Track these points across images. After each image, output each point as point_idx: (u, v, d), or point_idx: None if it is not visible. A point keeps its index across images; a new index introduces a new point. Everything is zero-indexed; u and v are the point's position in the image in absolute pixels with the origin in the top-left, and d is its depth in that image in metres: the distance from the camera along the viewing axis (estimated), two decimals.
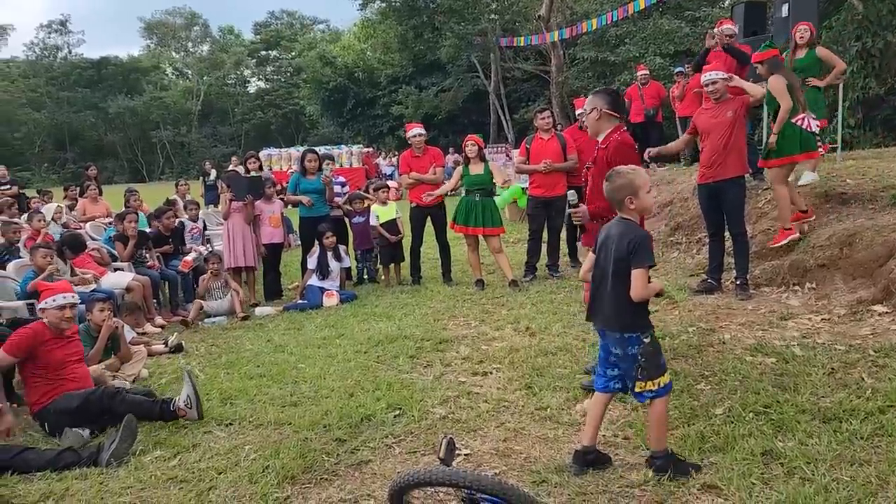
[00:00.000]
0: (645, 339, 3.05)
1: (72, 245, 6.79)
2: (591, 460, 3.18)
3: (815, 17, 8.43)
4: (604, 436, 3.56)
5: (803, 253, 6.15)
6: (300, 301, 7.61)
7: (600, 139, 4.23)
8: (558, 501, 2.96)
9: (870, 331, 4.77)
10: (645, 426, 3.51)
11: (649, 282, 3.03)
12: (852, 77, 12.46)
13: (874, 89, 13.10)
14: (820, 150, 6.45)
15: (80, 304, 4.96)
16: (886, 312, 4.97)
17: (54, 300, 4.39)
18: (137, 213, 8.02)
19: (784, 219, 6.32)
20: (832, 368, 4.13)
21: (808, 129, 6.15)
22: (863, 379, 3.92)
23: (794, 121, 6.13)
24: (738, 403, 3.74)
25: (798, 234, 6.28)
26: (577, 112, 8.07)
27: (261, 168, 8.25)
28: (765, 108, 7.56)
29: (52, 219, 8.77)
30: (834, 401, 3.65)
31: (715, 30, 7.92)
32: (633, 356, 3.05)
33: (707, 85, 5.98)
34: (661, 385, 3.03)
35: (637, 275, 2.98)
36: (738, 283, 6.17)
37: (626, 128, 4.30)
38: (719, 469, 3.08)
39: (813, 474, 2.93)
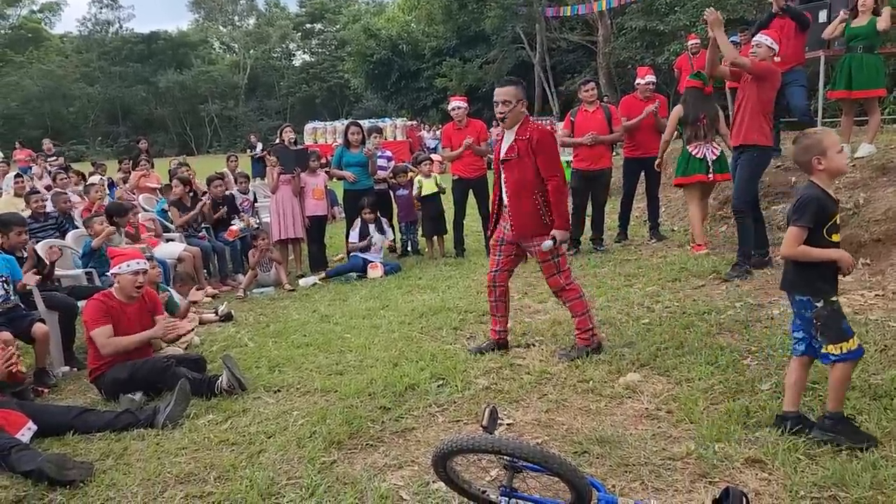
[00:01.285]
0: (817, 304, 3.04)
1: (116, 212, 6.91)
2: (789, 426, 3.15)
3: None
4: (647, 408, 3.57)
5: (857, 227, 5.98)
6: (340, 265, 7.73)
7: (515, 130, 4.32)
8: (600, 471, 2.98)
9: None
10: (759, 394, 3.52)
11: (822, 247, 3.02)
12: None
13: None
14: (709, 176, 6.81)
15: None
16: None
17: (129, 265, 4.47)
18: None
19: (696, 235, 7.04)
20: (885, 345, 4.03)
21: (699, 156, 6.81)
22: None
23: (689, 147, 6.87)
24: (784, 379, 3.69)
25: (706, 251, 6.86)
26: (637, 81, 7.91)
27: (296, 142, 8.34)
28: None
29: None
30: (885, 378, 3.58)
31: None
32: (808, 319, 3.07)
33: (756, 46, 5.73)
34: (845, 350, 2.99)
35: (789, 232, 3.02)
36: (734, 263, 6.04)
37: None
38: (764, 444, 3.06)
39: (861, 451, 2.89)
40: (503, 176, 4.41)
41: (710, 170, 6.83)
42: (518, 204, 4.34)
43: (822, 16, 8.45)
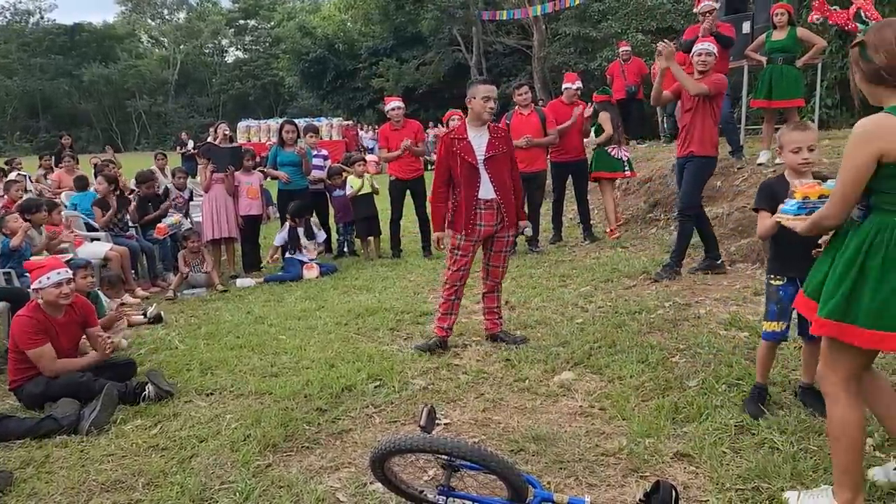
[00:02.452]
0: (770, 281, 3.43)
1: (28, 209, 6.56)
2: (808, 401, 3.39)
3: None
4: (580, 406, 3.64)
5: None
6: (280, 273, 7.60)
7: (489, 128, 4.60)
8: (536, 468, 3.03)
9: None
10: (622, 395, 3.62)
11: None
12: (831, 57, 12.53)
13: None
14: (627, 173, 8.28)
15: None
16: None
17: (49, 278, 4.12)
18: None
19: (611, 220, 8.30)
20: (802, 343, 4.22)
21: (617, 157, 8.07)
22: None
23: (608, 149, 8.00)
24: (711, 376, 3.83)
25: (618, 235, 8.20)
26: (565, 86, 8.08)
27: (231, 140, 8.16)
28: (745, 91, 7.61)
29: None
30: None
31: (695, 8, 7.94)
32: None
33: (700, 54, 5.84)
34: (765, 329, 3.44)
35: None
36: (665, 263, 6.23)
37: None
38: (692, 438, 3.16)
39: (782, 444, 3.02)
40: (488, 173, 4.53)
41: (626, 168, 8.17)
42: (508, 197, 4.58)
43: (746, 27, 8.80)
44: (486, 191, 4.53)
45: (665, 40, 5.89)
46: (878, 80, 2.25)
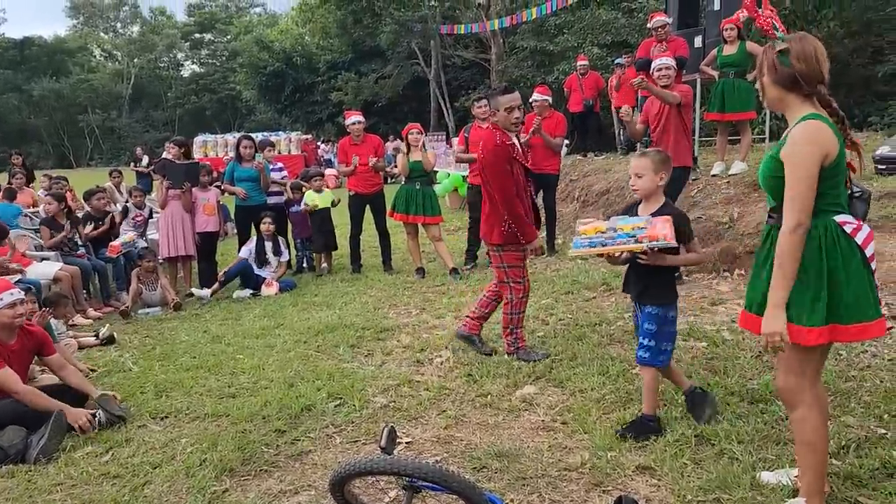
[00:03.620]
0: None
1: None
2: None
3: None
4: (543, 420, 3.63)
5: (733, 240, 6.37)
6: (241, 292, 7.47)
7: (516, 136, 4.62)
8: (499, 486, 3.00)
9: None
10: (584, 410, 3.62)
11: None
12: None
13: None
14: None
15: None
16: None
17: (1, 299, 3.96)
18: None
19: None
20: (759, 352, 4.28)
21: None
22: None
23: None
24: (671, 387, 3.85)
25: None
26: (533, 99, 8.11)
27: (187, 155, 8.01)
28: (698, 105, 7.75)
29: None
30: (761, 383, 3.80)
31: (648, 24, 8.10)
32: None
33: (660, 69, 5.99)
34: None
35: None
36: None
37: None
38: (653, 451, 3.17)
39: (741, 454, 3.05)
40: (530, 180, 4.66)
41: None
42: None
43: (698, 41, 8.99)
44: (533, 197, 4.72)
45: (623, 55, 5.99)
46: (791, 85, 2.40)
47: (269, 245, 7.65)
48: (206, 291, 7.28)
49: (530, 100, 8.17)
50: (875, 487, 2.72)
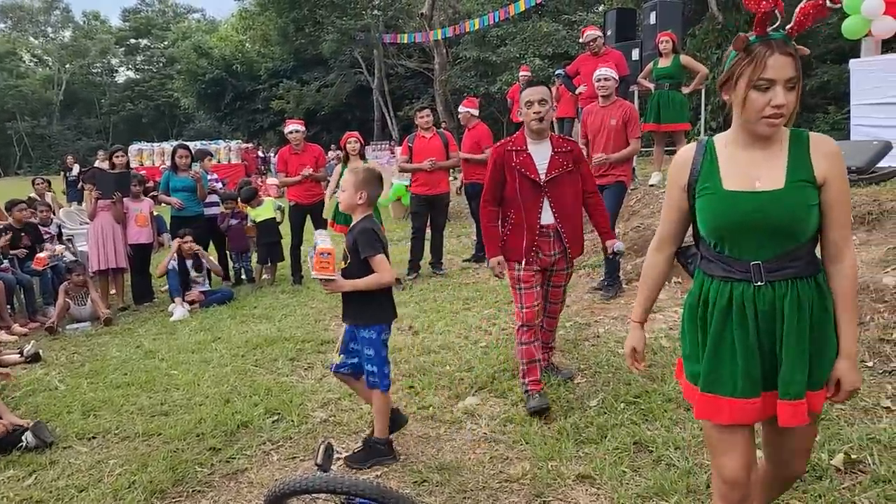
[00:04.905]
0: None
1: None
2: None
3: (680, 25, 8.98)
4: (485, 432, 3.61)
5: None
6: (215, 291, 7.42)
7: (551, 142, 3.93)
8: (439, 500, 2.96)
9: None
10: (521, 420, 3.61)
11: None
12: (714, 83, 13.31)
13: None
14: None
15: None
16: None
17: None
18: None
19: None
20: None
21: None
22: None
23: None
24: (610, 395, 3.90)
25: None
26: (461, 110, 8.15)
27: (128, 164, 7.74)
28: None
29: None
30: None
31: (580, 38, 8.26)
32: None
33: (599, 80, 5.88)
34: None
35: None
36: (605, 283, 6.30)
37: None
38: (593, 459, 3.19)
39: (678, 460, 3.08)
40: (549, 197, 3.86)
41: None
42: (572, 224, 3.94)
43: (635, 54, 9.22)
44: (546, 215, 3.89)
45: (564, 66, 6.00)
46: None
47: (189, 263, 7.40)
48: (183, 310, 6.91)
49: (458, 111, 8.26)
50: None
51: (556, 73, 12.44)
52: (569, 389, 4.07)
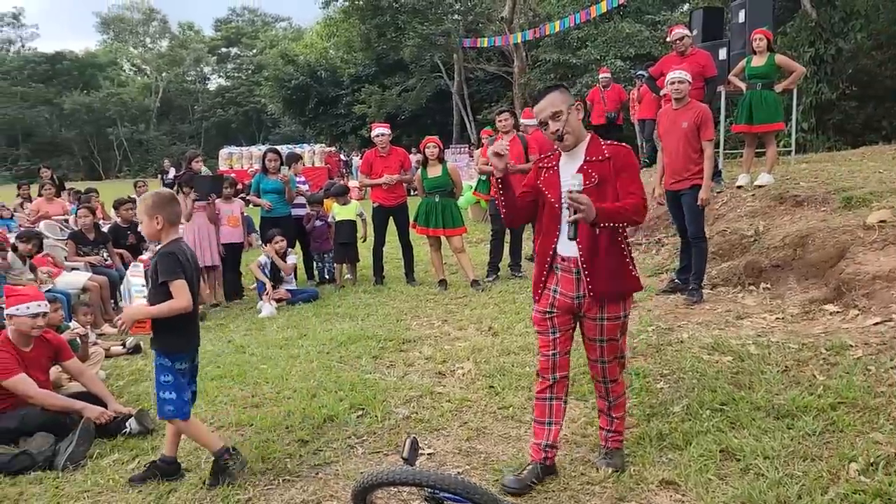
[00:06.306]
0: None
1: (27, 239, 6.60)
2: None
3: (771, 23, 8.66)
4: (565, 434, 3.61)
5: (758, 254, 6.30)
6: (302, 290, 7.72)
7: (585, 150, 3.10)
8: (520, 500, 2.99)
9: (822, 329, 4.91)
10: None
11: None
12: (805, 82, 12.80)
13: (826, 94, 13.50)
14: None
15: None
16: (837, 311, 5.12)
17: (28, 307, 4.04)
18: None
19: None
20: (786, 366, 4.24)
21: None
22: (815, 376, 4.03)
23: None
24: (695, 401, 3.82)
25: None
26: (522, 122, 8.14)
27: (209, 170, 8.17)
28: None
29: None
30: (787, 398, 3.75)
31: (667, 37, 8.07)
32: None
33: (672, 83, 5.83)
34: None
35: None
36: (690, 287, 6.14)
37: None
38: (677, 465, 3.14)
39: (767, 470, 3.01)
40: (568, 216, 2.96)
41: None
42: (595, 252, 3.01)
43: (723, 53, 8.96)
44: (565, 244, 3.08)
45: (646, 67, 5.91)
46: None
47: (280, 262, 7.70)
48: (269, 307, 7.19)
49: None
50: None
51: (639, 73, 12.25)
52: (651, 394, 4.02)
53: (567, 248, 3.06)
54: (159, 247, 3.34)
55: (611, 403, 3.24)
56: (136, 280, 3.29)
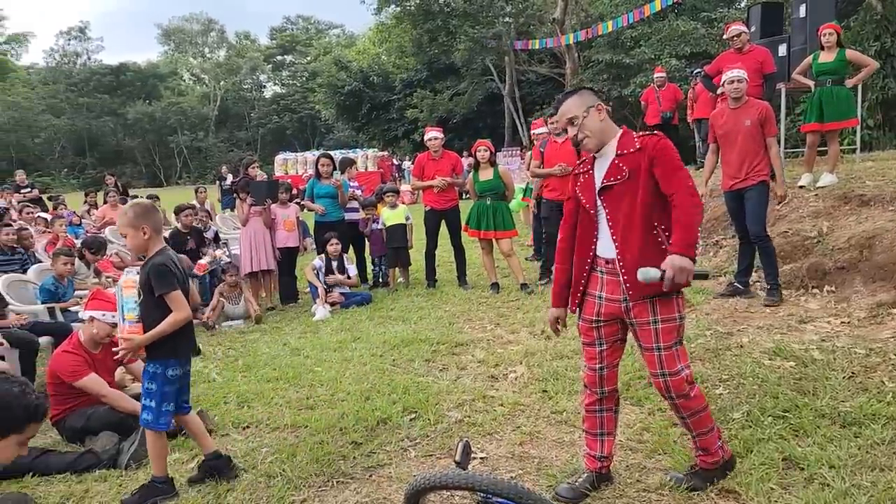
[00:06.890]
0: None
1: (92, 247, 6.90)
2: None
3: (833, 17, 8.38)
4: (620, 439, 3.55)
5: (822, 256, 6.09)
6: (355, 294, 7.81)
7: (615, 145, 2.94)
8: None
9: (890, 334, 4.71)
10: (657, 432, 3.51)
11: None
12: (871, 78, 12.31)
13: (893, 90, 12.98)
14: None
15: None
16: None
17: (113, 316, 4.10)
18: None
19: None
20: (852, 372, 4.08)
21: None
22: (883, 383, 3.87)
23: None
24: (756, 408, 3.71)
25: None
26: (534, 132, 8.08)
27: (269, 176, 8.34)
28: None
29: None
30: (854, 405, 3.60)
31: (724, 35, 7.86)
32: None
33: (731, 82, 5.69)
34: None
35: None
36: (767, 287, 5.98)
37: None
38: (738, 474, 3.05)
39: (833, 480, 2.89)
40: (606, 214, 2.90)
41: None
42: (631, 247, 2.83)
43: (782, 49, 8.70)
44: (605, 245, 2.93)
45: (702, 65, 5.79)
46: None
47: (335, 264, 7.80)
48: (324, 311, 7.29)
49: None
50: None
51: (695, 72, 11.99)
52: (710, 400, 3.91)
53: (608, 249, 2.90)
54: (147, 258, 3.31)
55: (686, 420, 2.93)
56: (129, 296, 3.27)
